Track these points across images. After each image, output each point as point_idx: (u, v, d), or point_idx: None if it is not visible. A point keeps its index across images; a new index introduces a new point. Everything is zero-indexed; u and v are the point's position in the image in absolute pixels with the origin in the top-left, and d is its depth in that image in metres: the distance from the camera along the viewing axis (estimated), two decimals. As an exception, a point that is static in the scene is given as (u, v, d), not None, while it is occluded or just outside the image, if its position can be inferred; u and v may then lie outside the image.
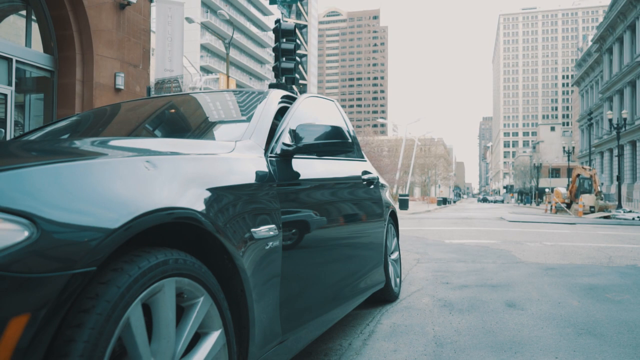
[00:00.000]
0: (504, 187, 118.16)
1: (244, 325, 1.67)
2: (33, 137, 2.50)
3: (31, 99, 10.24)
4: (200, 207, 1.45)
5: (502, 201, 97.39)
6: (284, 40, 10.50)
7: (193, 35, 60.33)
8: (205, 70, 64.49)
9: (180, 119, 2.54)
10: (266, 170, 1.98)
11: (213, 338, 1.48)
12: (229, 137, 2.15)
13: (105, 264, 1.17)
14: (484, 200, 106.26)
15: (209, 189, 1.55)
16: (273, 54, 11.01)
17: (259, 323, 1.75)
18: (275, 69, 10.55)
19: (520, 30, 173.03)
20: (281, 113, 3.04)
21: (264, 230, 1.81)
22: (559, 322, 3.48)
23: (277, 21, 10.57)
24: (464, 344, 2.98)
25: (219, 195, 1.59)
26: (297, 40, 10.71)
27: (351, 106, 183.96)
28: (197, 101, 2.76)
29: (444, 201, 55.09)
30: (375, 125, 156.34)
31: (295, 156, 2.26)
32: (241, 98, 2.75)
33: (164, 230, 1.43)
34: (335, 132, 2.27)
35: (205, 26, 62.79)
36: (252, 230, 1.74)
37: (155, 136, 2.28)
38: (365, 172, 3.35)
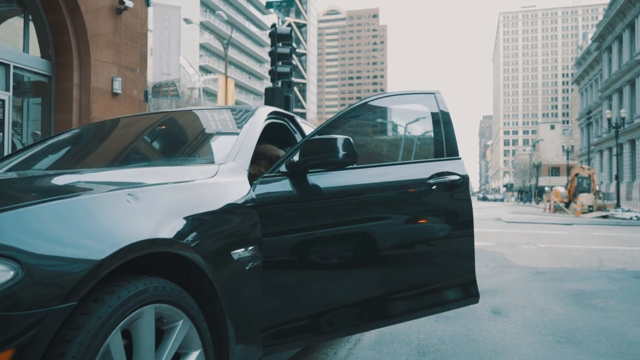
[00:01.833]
0: (504, 186, 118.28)
1: (225, 344, 1.77)
2: (18, 159, 2.55)
3: (29, 103, 10.33)
4: (178, 235, 1.54)
5: (502, 200, 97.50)
6: (280, 44, 10.58)
7: (192, 34, 60.40)
8: (204, 70, 64.57)
9: (164, 142, 2.61)
10: (247, 192, 2.06)
11: (192, 358, 1.57)
12: (212, 159, 2.23)
13: (88, 295, 1.26)
14: (484, 198, 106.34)
15: (187, 217, 1.63)
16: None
17: (239, 341, 1.84)
18: (271, 72, 10.63)
19: (520, 28, 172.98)
20: (271, 129, 3.12)
21: (244, 251, 1.89)
22: (541, 329, 3.57)
23: (273, 25, 10.66)
24: (446, 353, 3.07)
25: (197, 222, 1.67)
26: (293, 44, 10.80)
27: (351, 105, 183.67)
28: (181, 121, 2.83)
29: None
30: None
31: (292, 173, 2.24)
32: (228, 116, 2.83)
33: (148, 257, 1.53)
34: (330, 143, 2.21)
35: (204, 26, 62.81)
36: (232, 252, 1.82)
37: (137, 163, 2.33)
38: (439, 175, 2.61)
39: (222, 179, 2.01)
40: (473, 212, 2.67)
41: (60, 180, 1.71)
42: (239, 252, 1.87)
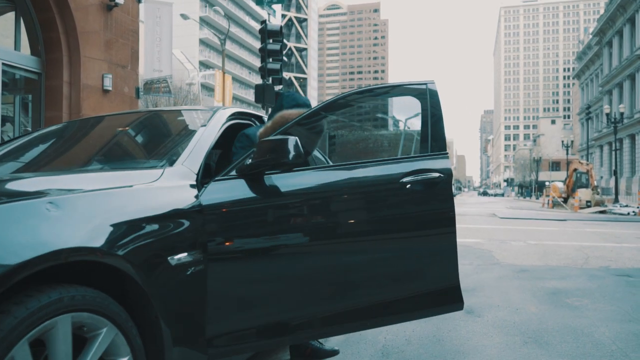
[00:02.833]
0: (505, 181, 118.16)
1: (160, 349, 1.76)
2: None
3: (21, 100, 10.33)
4: (102, 243, 1.53)
5: (503, 195, 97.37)
6: (271, 41, 10.55)
7: (191, 29, 60.25)
8: (204, 65, 64.48)
9: (114, 146, 2.60)
10: (192, 197, 2.05)
11: (120, 365, 1.57)
12: (159, 163, 2.21)
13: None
14: (484, 193, 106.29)
15: (116, 224, 1.63)
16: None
17: (177, 345, 1.83)
18: (261, 69, 10.61)
19: (521, 22, 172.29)
20: (235, 130, 3.10)
21: (184, 256, 1.89)
22: (510, 329, 3.57)
23: (263, 22, 10.63)
24: (409, 355, 3.07)
25: (128, 229, 1.67)
26: (284, 41, 10.76)
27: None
28: (137, 124, 2.82)
29: (443, 195, 55.01)
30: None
31: (246, 175, 2.20)
32: (186, 118, 2.82)
33: (81, 265, 1.53)
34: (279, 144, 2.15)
35: (204, 21, 62.61)
36: (169, 257, 1.82)
37: (83, 167, 2.32)
38: (418, 172, 2.46)
39: (165, 183, 2.00)
40: (455, 211, 2.50)
41: None
42: (177, 258, 1.86)
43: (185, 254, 1.90)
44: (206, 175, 2.28)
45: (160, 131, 2.77)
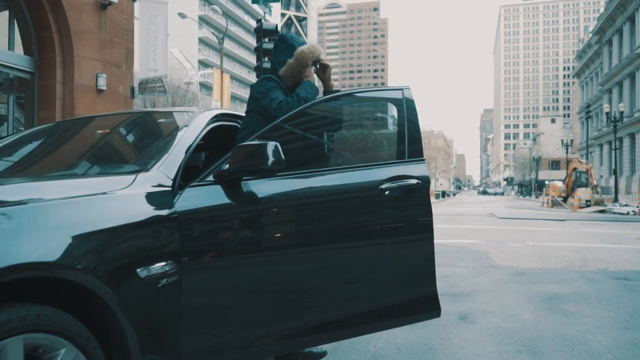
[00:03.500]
0: (505, 179, 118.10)
1: (128, 365, 1.67)
2: None
3: (14, 99, 10.23)
4: (57, 257, 1.43)
5: (502, 193, 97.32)
6: (267, 40, 10.44)
7: (190, 28, 60.10)
8: (203, 63, 64.36)
9: (89, 149, 2.50)
10: (166, 204, 1.95)
11: (82, 386, 1.48)
12: (133, 168, 2.12)
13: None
14: (484, 192, 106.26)
15: (78, 236, 1.53)
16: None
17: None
18: (257, 69, 10.50)
19: (521, 21, 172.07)
20: (222, 131, 3.00)
21: (155, 268, 1.79)
22: (504, 337, 3.47)
23: (259, 21, 10.51)
24: (399, 364, 2.97)
25: (91, 241, 1.57)
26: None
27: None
28: (114, 126, 2.71)
29: (442, 194, 55.16)
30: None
31: (224, 182, 2.11)
32: (166, 121, 2.72)
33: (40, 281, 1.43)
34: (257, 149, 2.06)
35: (203, 19, 62.50)
36: (138, 269, 1.72)
37: (54, 172, 2.21)
38: (395, 179, 2.43)
39: (136, 190, 1.91)
40: (433, 218, 2.49)
41: None
42: (148, 270, 1.77)
43: (157, 265, 1.81)
44: (190, 179, 2.20)
45: (140, 134, 2.67)
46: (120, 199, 1.80)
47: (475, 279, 5.70)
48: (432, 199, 47.44)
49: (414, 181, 2.47)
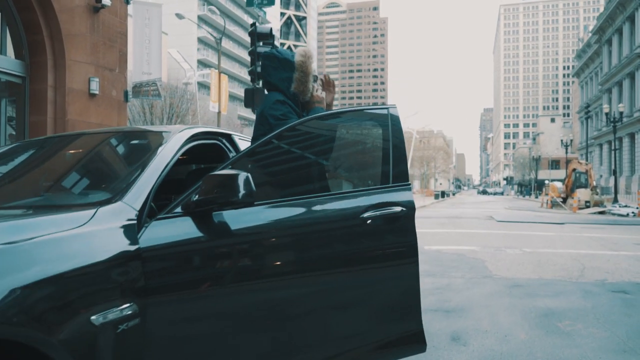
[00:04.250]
0: (504, 179, 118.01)
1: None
2: None
3: (5, 103, 10.09)
4: None
5: (502, 193, 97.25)
6: (261, 43, 10.31)
7: (189, 28, 59.96)
8: (202, 63, 64.22)
9: (53, 176, 2.34)
10: (127, 240, 1.81)
11: None
12: (92, 199, 1.98)
13: None
14: (484, 192, 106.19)
15: (16, 289, 1.40)
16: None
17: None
18: (251, 73, 10.37)
19: (521, 20, 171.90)
20: (201, 151, 2.87)
21: (112, 312, 1.66)
22: (496, 362, 3.35)
23: (253, 24, 10.38)
24: (385, 395, 2.84)
25: (32, 292, 1.44)
26: (275, 43, 10.53)
27: (351, 98, 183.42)
28: (88, 147, 2.54)
29: (441, 194, 55.05)
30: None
31: (193, 213, 1.98)
32: (142, 142, 2.58)
33: None
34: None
35: (202, 19, 62.36)
36: (92, 317, 1.59)
37: (4, 203, 2.07)
38: (378, 206, 2.31)
39: (94, 227, 1.77)
40: (417, 248, 2.34)
41: None
42: (104, 315, 1.64)
43: (114, 309, 1.67)
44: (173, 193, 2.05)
45: (109, 158, 2.52)
46: (74, 239, 1.67)
47: (471, 291, 5.57)
48: (432, 199, 47.29)
49: (398, 209, 2.34)
